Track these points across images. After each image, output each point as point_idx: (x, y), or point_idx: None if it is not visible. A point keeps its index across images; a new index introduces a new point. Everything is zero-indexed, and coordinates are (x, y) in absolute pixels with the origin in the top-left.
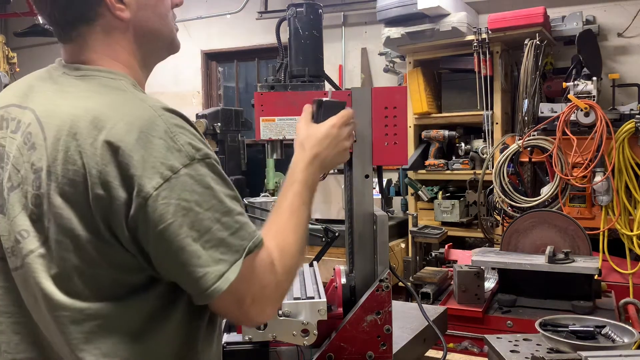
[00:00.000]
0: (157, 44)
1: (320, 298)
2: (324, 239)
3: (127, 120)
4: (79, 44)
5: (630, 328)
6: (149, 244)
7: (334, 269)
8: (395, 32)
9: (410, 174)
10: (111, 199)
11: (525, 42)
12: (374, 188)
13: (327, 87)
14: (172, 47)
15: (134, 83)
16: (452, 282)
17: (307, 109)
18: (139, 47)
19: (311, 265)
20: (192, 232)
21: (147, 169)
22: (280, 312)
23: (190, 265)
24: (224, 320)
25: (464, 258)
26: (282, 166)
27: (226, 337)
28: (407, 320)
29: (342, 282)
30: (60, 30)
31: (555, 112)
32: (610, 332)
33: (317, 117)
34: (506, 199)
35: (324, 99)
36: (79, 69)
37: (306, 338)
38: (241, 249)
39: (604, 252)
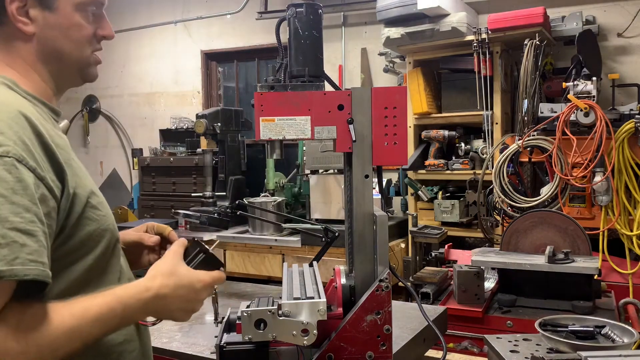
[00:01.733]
0: (64, 66)
1: (320, 298)
2: (323, 239)
3: None
4: None
5: (630, 328)
6: None
7: (334, 269)
8: (395, 32)
9: (410, 174)
10: None
11: (525, 42)
12: (374, 188)
13: (327, 87)
14: (84, 75)
15: (6, 83)
16: (452, 282)
17: (181, 244)
18: (43, 63)
19: (311, 265)
20: None
21: None
22: (280, 312)
23: None
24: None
25: (464, 258)
26: (282, 166)
27: (226, 337)
28: (407, 320)
29: (342, 282)
30: None
31: (555, 112)
32: (610, 332)
33: (190, 261)
34: (506, 199)
35: (208, 247)
36: None
37: (306, 338)
38: None
39: (603, 252)
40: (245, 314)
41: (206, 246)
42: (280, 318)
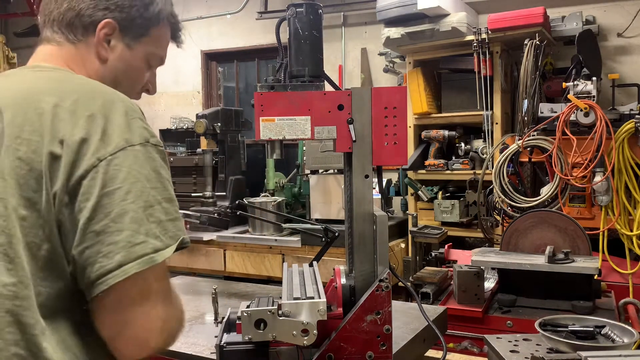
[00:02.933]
0: None
1: (320, 298)
2: (323, 239)
3: (90, 96)
4: (58, 46)
5: (630, 328)
6: (85, 209)
7: (333, 269)
8: (395, 32)
9: (410, 174)
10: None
11: (525, 42)
12: (374, 188)
13: (327, 87)
14: None
15: None
16: (452, 282)
17: None
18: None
19: (311, 265)
20: (139, 201)
21: (106, 136)
22: (280, 312)
23: (130, 230)
24: None
25: (464, 258)
26: (282, 166)
27: (226, 337)
28: (407, 320)
29: (342, 282)
30: (50, 26)
31: (555, 112)
32: (610, 332)
33: None
34: (506, 199)
35: None
36: (41, 67)
37: (306, 338)
38: (176, 237)
39: (603, 252)
40: (245, 314)
41: None
42: (280, 318)
